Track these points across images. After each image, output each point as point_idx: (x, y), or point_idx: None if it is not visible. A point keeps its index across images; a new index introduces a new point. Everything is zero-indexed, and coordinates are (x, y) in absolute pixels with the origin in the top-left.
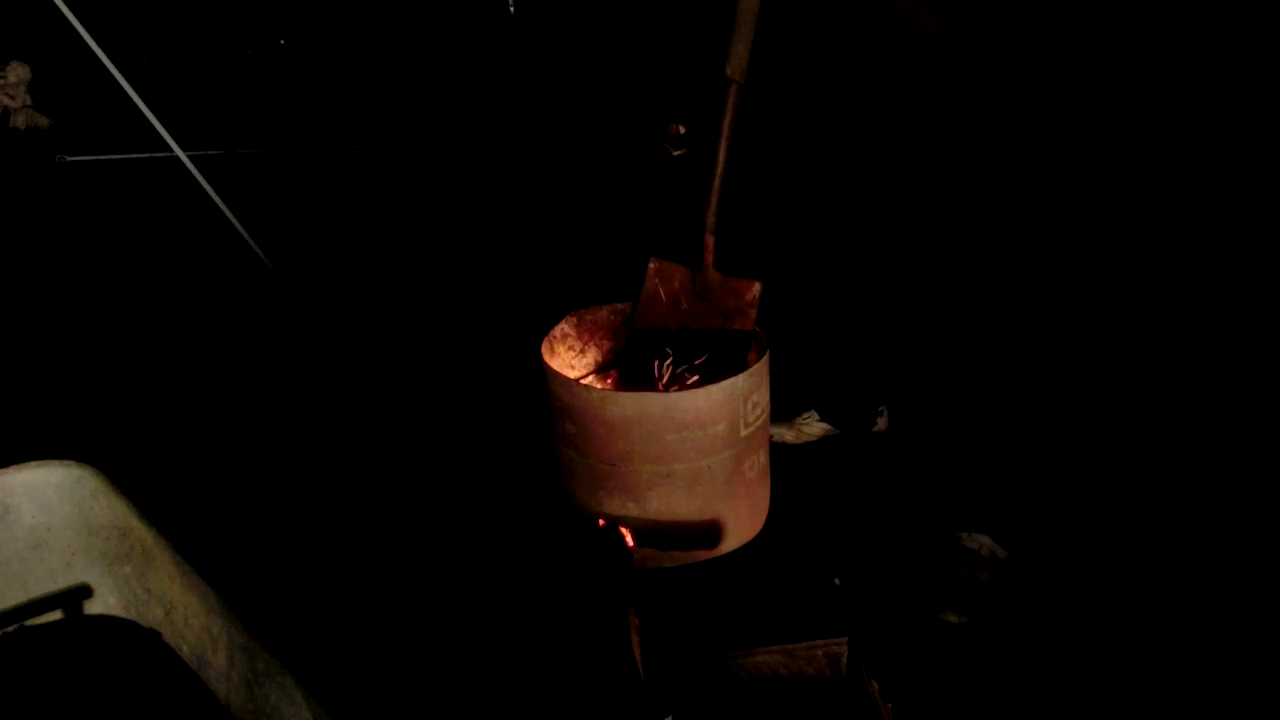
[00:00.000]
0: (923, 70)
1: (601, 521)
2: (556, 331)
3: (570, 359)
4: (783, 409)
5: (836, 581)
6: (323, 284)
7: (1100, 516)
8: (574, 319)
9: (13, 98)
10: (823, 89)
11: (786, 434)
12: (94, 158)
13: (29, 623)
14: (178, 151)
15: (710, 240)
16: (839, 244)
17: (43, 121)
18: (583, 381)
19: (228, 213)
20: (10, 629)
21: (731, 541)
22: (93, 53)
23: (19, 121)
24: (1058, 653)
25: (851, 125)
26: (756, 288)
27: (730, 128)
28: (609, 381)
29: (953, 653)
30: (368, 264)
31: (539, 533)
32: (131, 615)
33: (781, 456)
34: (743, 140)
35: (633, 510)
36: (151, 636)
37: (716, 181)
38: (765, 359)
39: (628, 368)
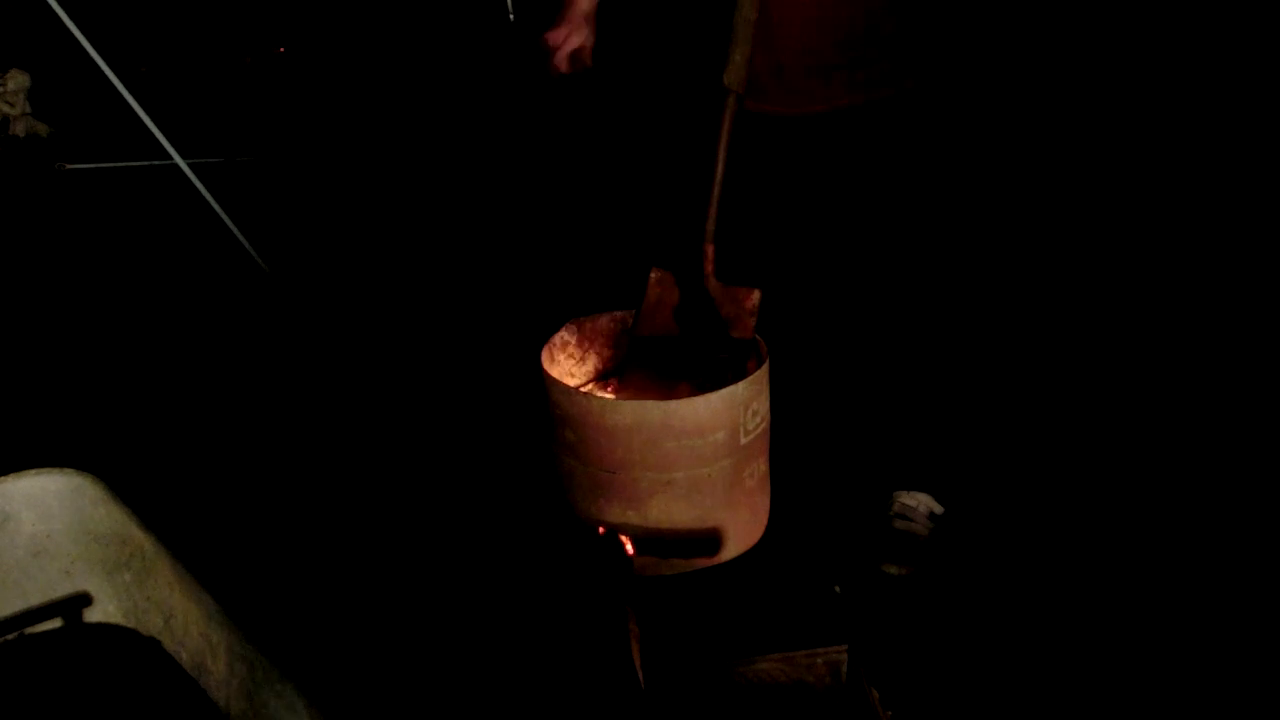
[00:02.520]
0: None
1: (601, 529)
2: (556, 339)
3: (570, 367)
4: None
5: (837, 589)
6: (323, 291)
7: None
8: (574, 327)
9: (12, 105)
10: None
11: None
12: (93, 165)
13: (29, 630)
14: (177, 159)
15: (709, 249)
16: (838, 250)
17: (42, 129)
18: (583, 389)
19: (227, 220)
20: (10, 637)
21: (731, 549)
22: (92, 60)
23: (18, 129)
24: (992, 599)
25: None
26: (756, 296)
27: (728, 136)
28: (609, 389)
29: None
30: (368, 271)
31: (539, 540)
32: (131, 623)
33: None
34: (741, 148)
35: (632, 518)
36: (151, 644)
37: (715, 190)
38: (765, 367)
39: (628, 376)
